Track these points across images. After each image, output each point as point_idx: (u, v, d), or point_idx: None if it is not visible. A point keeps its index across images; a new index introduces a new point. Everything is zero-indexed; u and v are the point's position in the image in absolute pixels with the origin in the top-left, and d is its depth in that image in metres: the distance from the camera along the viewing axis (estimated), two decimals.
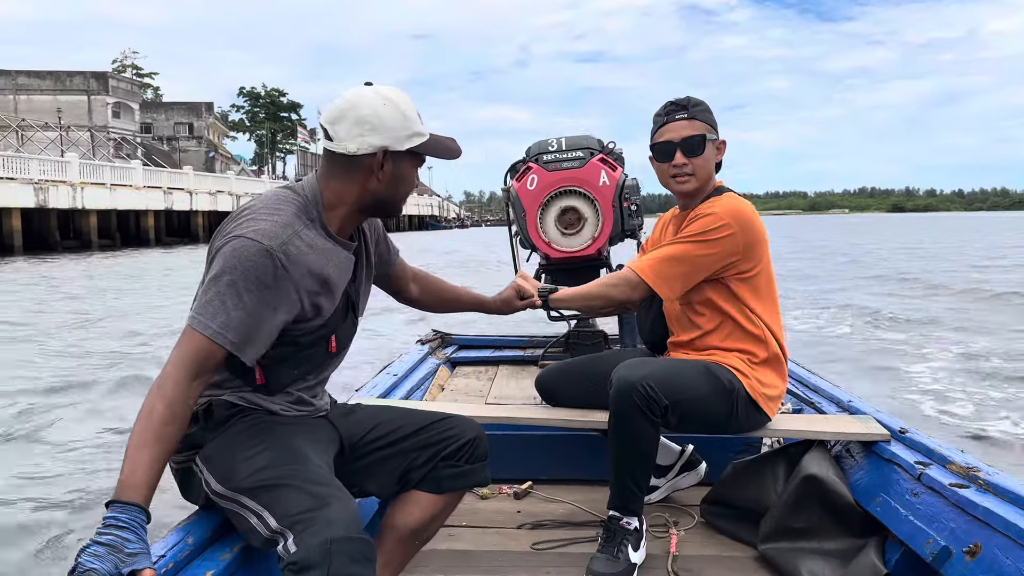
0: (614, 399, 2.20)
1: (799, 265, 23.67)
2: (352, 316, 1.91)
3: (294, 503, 1.52)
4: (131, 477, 1.45)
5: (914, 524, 2.06)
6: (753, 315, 2.40)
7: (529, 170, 3.50)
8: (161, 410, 1.51)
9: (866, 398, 2.88)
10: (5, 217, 32.48)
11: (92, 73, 54.73)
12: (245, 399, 1.78)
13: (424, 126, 1.79)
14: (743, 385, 2.34)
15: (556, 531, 2.60)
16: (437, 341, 4.13)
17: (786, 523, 2.36)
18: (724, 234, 2.32)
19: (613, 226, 3.47)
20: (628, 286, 2.39)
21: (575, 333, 3.73)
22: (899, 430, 2.43)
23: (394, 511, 1.92)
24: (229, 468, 1.65)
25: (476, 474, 1.93)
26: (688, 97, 2.45)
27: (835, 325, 11.66)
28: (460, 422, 1.97)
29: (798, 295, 15.32)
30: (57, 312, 13.49)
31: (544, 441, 2.99)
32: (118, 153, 51.38)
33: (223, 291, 1.60)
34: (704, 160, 2.41)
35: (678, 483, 2.81)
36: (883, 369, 8.35)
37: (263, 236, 1.63)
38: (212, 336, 1.59)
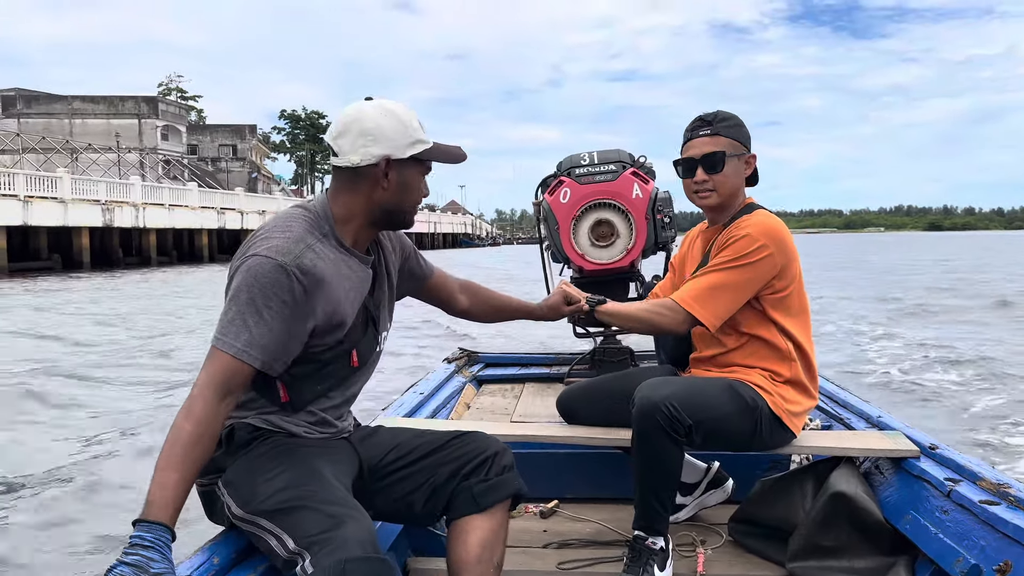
0: (637, 419, 2.19)
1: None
2: (373, 330, 1.92)
3: (310, 524, 1.54)
4: (157, 497, 1.48)
5: (944, 542, 2.03)
6: (783, 334, 2.39)
7: (561, 184, 3.54)
8: (189, 430, 1.55)
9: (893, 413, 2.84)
10: (76, 235, 35.11)
11: (143, 98, 58.52)
12: (269, 422, 1.80)
13: (426, 135, 1.82)
14: (766, 402, 2.32)
15: (582, 550, 2.58)
16: (463, 359, 4.14)
17: (815, 541, 2.33)
18: (762, 255, 2.31)
19: (647, 239, 3.49)
20: (674, 318, 2.37)
21: (601, 350, 3.73)
22: (929, 446, 2.39)
23: (454, 548, 1.86)
24: (249, 491, 1.67)
25: (509, 484, 1.90)
26: (716, 112, 2.45)
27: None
28: (479, 438, 1.96)
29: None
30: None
31: (569, 459, 2.98)
32: (166, 174, 53.78)
33: (243, 310, 1.64)
34: (724, 176, 2.40)
35: (704, 501, 2.78)
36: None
37: (276, 252, 1.67)
38: (237, 355, 1.62)
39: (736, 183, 2.44)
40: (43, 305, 18.04)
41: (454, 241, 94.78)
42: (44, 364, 9.79)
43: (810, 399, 2.46)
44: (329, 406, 1.89)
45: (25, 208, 31.78)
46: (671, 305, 2.38)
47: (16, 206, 31.32)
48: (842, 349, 11.03)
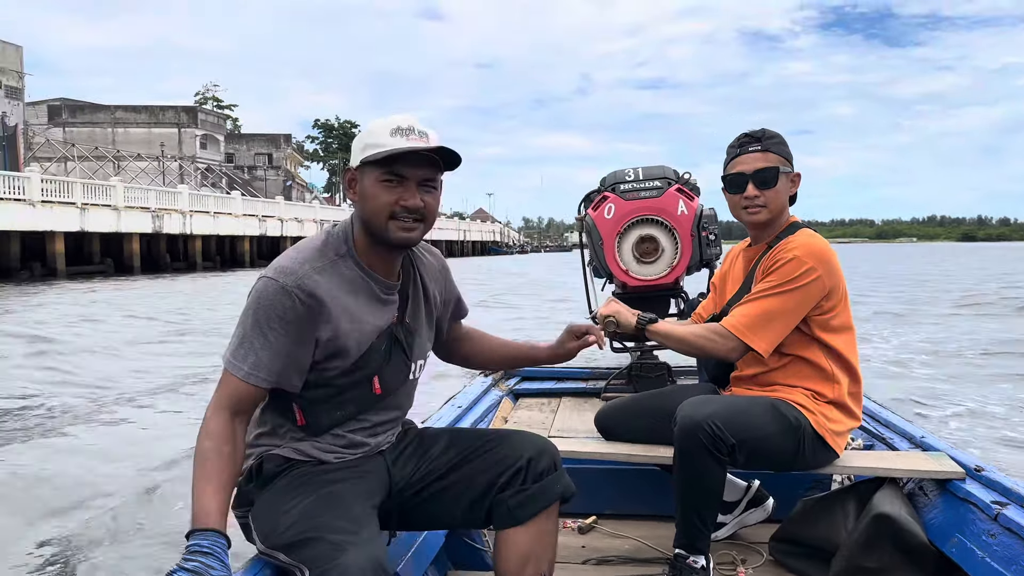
0: (679, 437, 2.19)
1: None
2: (403, 358, 1.87)
3: (318, 556, 1.53)
4: (201, 508, 1.53)
5: (991, 566, 2.00)
6: (828, 354, 2.37)
7: (606, 199, 3.56)
8: (209, 445, 1.61)
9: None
10: (127, 241, 37.35)
11: (183, 107, 61.27)
12: (298, 450, 1.80)
13: (396, 139, 1.70)
14: (809, 421, 2.31)
15: (621, 567, 2.58)
16: (500, 373, 4.16)
17: (857, 562, 2.31)
18: (811, 279, 2.30)
19: (691, 255, 3.49)
20: (726, 345, 2.35)
21: (638, 365, 3.73)
22: (975, 468, 2.36)
23: (498, 561, 1.84)
24: (269, 526, 1.68)
25: (548, 491, 1.83)
26: (763, 129, 2.45)
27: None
28: (514, 442, 1.89)
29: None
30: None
31: (608, 475, 2.99)
32: (205, 181, 55.73)
33: (249, 332, 1.68)
34: (776, 193, 2.40)
35: (745, 520, 2.77)
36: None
37: (280, 274, 1.70)
38: (244, 378, 1.67)
39: (784, 200, 2.43)
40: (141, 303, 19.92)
41: (483, 249, 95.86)
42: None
43: (853, 419, 2.45)
44: (358, 428, 1.86)
45: (82, 214, 33.73)
46: (723, 332, 2.36)
47: (74, 213, 33.27)
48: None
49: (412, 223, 1.75)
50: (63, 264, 32.62)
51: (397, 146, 1.70)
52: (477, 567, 2.54)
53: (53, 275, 31.79)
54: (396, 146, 1.70)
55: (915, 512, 2.37)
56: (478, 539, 2.67)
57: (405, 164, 1.72)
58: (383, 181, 1.73)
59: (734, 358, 2.42)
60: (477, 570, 2.51)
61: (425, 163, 1.74)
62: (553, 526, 1.86)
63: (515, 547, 1.81)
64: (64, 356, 10.84)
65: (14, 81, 45.31)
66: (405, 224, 1.75)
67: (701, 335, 2.41)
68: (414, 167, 1.73)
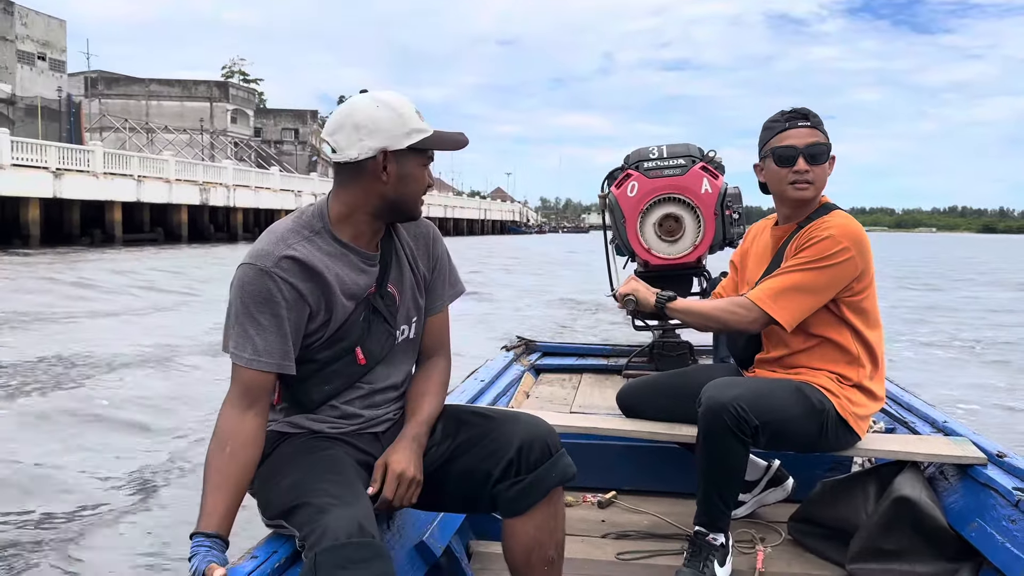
0: (704, 418, 2.21)
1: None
2: (386, 327, 1.87)
3: (306, 519, 1.56)
4: (203, 510, 1.60)
5: (1011, 552, 2.02)
6: (855, 337, 2.38)
7: (629, 177, 3.55)
8: (212, 448, 1.67)
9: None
10: (175, 212, 40.56)
11: (215, 82, 63.28)
12: (291, 423, 1.85)
13: (425, 123, 1.78)
14: (833, 405, 2.32)
15: (641, 542, 2.62)
16: (521, 348, 4.19)
17: (876, 544, 2.33)
18: (844, 258, 2.29)
19: (715, 234, 3.48)
20: (748, 316, 2.35)
21: (660, 344, 3.74)
22: (997, 454, 2.37)
23: (505, 548, 1.86)
24: (266, 497, 1.73)
25: (544, 480, 1.79)
26: (806, 108, 2.42)
27: None
28: (506, 430, 1.83)
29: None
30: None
31: (628, 451, 3.01)
32: (234, 155, 57.69)
33: (242, 320, 1.71)
34: (823, 170, 2.38)
35: (764, 499, 2.79)
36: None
37: (256, 257, 1.72)
38: (248, 365, 1.70)
39: (826, 180, 2.41)
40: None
41: (502, 228, 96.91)
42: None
43: (876, 402, 2.45)
44: (354, 397, 1.87)
45: (139, 186, 37.22)
46: (746, 304, 2.36)
47: (132, 184, 36.77)
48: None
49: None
50: (120, 232, 36.06)
51: (431, 131, 1.78)
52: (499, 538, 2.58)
53: (112, 241, 35.00)
54: (431, 131, 1.78)
55: (935, 496, 2.38)
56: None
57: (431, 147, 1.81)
58: (423, 164, 1.81)
59: (755, 330, 2.41)
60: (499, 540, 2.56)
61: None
62: (556, 510, 1.84)
63: (519, 536, 1.82)
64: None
65: (58, 55, 47.45)
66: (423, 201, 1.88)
67: (723, 308, 2.42)
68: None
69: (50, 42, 46.58)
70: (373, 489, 1.74)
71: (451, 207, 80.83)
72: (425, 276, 1.98)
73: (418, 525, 2.13)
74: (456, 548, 2.35)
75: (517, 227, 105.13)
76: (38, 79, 45.46)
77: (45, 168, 32.01)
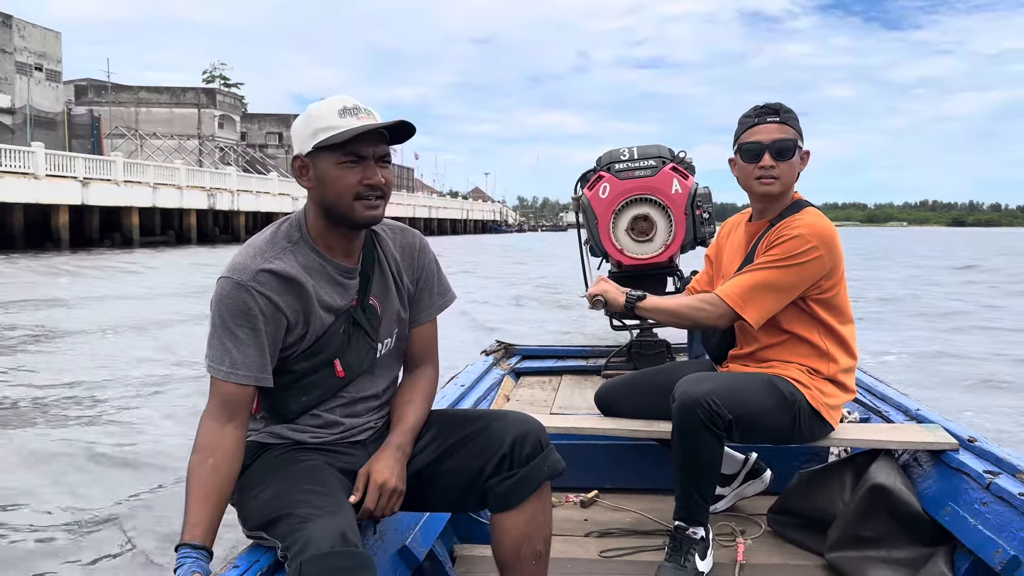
0: (678, 414, 2.24)
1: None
2: (367, 340, 1.86)
3: (288, 529, 1.56)
4: (186, 521, 1.60)
5: (983, 533, 2.06)
6: (825, 332, 2.41)
7: (601, 179, 3.58)
8: (193, 461, 1.66)
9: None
10: (186, 216, 44.05)
11: (203, 89, 64.35)
12: (273, 434, 1.84)
13: (347, 119, 1.69)
14: (805, 396, 2.36)
15: (623, 539, 2.64)
16: (501, 352, 4.20)
17: (853, 532, 2.37)
18: (812, 257, 2.32)
19: (685, 234, 3.52)
20: (715, 312, 2.39)
21: (637, 343, 3.78)
22: (967, 439, 2.42)
23: (495, 543, 1.86)
24: (246, 509, 1.73)
25: (535, 475, 1.80)
26: (779, 103, 2.45)
27: None
28: (497, 427, 1.84)
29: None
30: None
31: (609, 451, 3.04)
32: (222, 160, 59.34)
33: (220, 333, 1.71)
34: (790, 166, 2.41)
35: (743, 491, 2.83)
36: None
37: (234, 271, 1.72)
38: (225, 378, 1.70)
39: (795, 175, 2.44)
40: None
41: (483, 227, 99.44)
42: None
43: (848, 393, 2.49)
44: (335, 405, 1.87)
45: (154, 192, 40.67)
46: (714, 300, 2.40)
47: (148, 191, 40.20)
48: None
49: (376, 200, 1.75)
50: (138, 235, 39.54)
51: (351, 126, 1.68)
52: (483, 540, 2.59)
53: (130, 244, 38.40)
54: (350, 126, 1.68)
55: (910, 483, 2.42)
56: (483, 514, 2.72)
57: (362, 143, 1.72)
58: (343, 163, 1.72)
59: (722, 326, 2.45)
60: (483, 543, 2.57)
61: (379, 139, 1.75)
62: (545, 505, 1.85)
63: (509, 531, 1.82)
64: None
65: (54, 65, 48.80)
66: (371, 203, 1.75)
67: (691, 305, 2.46)
68: (371, 145, 1.73)
69: (46, 53, 48.01)
70: (355, 498, 1.74)
71: (435, 208, 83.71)
72: (409, 289, 1.95)
73: (400, 530, 2.14)
74: (440, 552, 2.36)
75: (498, 226, 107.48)
76: (36, 89, 46.73)
77: (74, 178, 35.18)
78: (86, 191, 35.68)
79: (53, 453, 5.52)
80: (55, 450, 5.59)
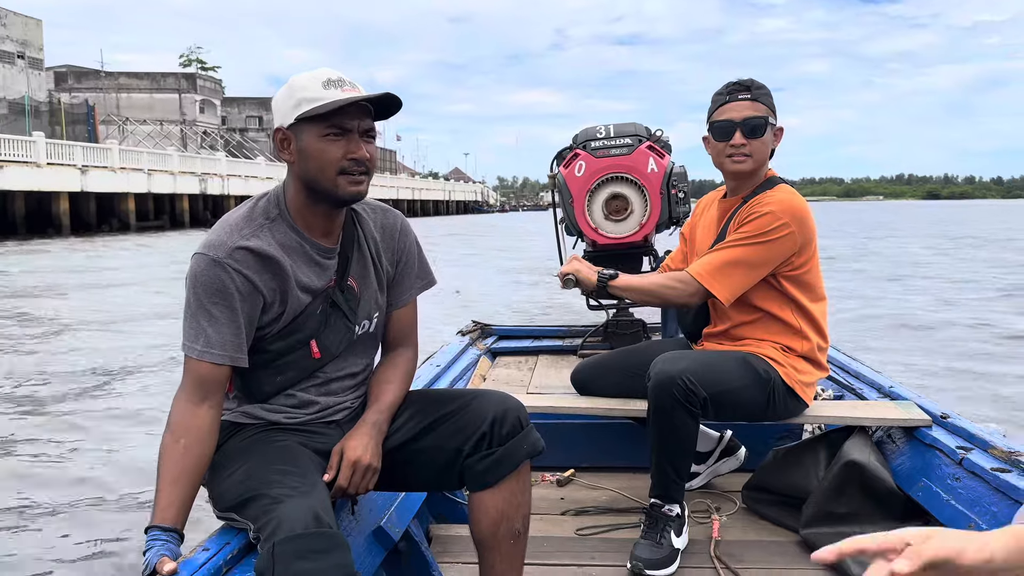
0: (653, 392, 2.23)
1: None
2: (345, 321, 1.82)
3: (260, 511, 1.53)
4: (157, 503, 1.58)
5: (956, 508, 2.08)
6: (797, 310, 2.41)
7: (577, 157, 3.55)
8: (167, 441, 1.63)
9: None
10: (179, 201, 44.94)
11: (183, 74, 65.39)
12: (246, 414, 1.80)
13: (331, 91, 1.65)
14: (779, 374, 2.36)
15: (599, 517, 2.65)
16: (477, 332, 4.18)
17: (828, 508, 2.38)
18: (783, 234, 2.32)
19: (660, 213, 3.51)
20: (687, 290, 2.38)
21: (614, 322, 3.77)
22: (940, 415, 2.44)
23: (473, 522, 1.83)
24: (218, 490, 1.69)
25: (515, 453, 1.78)
26: (751, 79, 2.43)
27: None
28: (477, 405, 1.82)
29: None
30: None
31: (585, 430, 3.04)
32: (203, 144, 59.90)
33: (195, 312, 1.67)
34: (762, 143, 2.40)
35: (718, 469, 2.84)
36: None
37: (209, 248, 1.67)
38: (200, 357, 1.66)
39: (767, 152, 2.43)
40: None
41: (466, 208, 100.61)
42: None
43: (821, 370, 2.50)
44: (309, 385, 1.84)
45: (149, 178, 41.65)
46: (684, 278, 2.39)
47: (143, 178, 41.21)
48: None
49: (360, 176, 1.70)
50: (135, 220, 40.37)
51: (336, 98, 1.64)
52: (459, 520, 2.59)
53: (127, 228, 39.20)
54: (335, 98, 1.64)
55: (883, 459, 2.44)
56: (459, 494, 2.71)
57: (347, 116, 1.66)
58: (327, 135, 1.67)
59: (693, 304, 2.45)
60: (460, 523, 2.56)
61: (364, 113, 1.70)
62: (524, 484, 1.83)
63: (487, 510, 1.80)
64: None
65: (36, 53, 49.84)
66: (355, 178, 1.70)
67: (663, 284, 2.45)
68: (355, 118, 1.68)
69: (28, 41, 48.88)
70: (328, 476, 1.71)
71: (419, 189, 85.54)
72: (389, 271, 1.91)
73: (375, 510, 2.12)
74: (415, 532, 2.34)
75: (480, 207, 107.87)
76: (19, 77, 47.79)
77: (73, 165, 36.34)
78: (85, 178, 36.92)
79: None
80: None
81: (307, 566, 1.42)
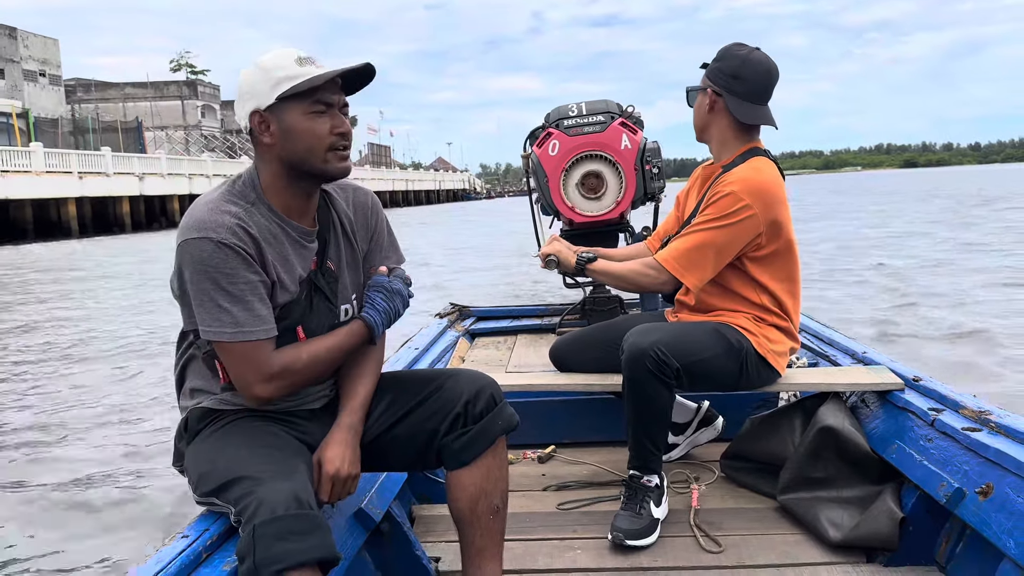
0: (627, 365, 2.25)
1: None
2: (327, 305, 1.80)
3: (241, 493, 1.52)
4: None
5: (928, 468, 2.11)
6: (765, 292, 2.42)
7: (550, 136, 3.54)
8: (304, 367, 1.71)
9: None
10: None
11: (184, 82, 68.82)
12: (226, 400, 1.76)
13: (307, 67, 1.63)
14: (751, 343, 2.38)
15: (580, 491, 2.67)
16: (455, 314, 4.19)
17: (804, 474, 2.41)
18: (743, 216, 2.31)
19: (636, 189, 3.51)
20: (659, 279, 2.41)
21: (591, 300, 3.79)
22: (912, 378, 2.47)
23: (451, 500, 1.84)
24: (197, 474, 1.67)
25: (489, 430, 1.79)
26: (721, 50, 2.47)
27: None
28: (451, 385, 1.83)
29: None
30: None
31: (564, 406, 3.06)
32: (206, 147, 62.27)
33: (214, 297, 1.61)
34: (696, 111, 2.51)
35: (696, 439, 2.87)
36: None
37: (204, 229, 1.61)
38: (245, 338, 1.62)
39: (703, 119, 2.47)
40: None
41: (455, 196, 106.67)
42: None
43: (794, 340, 2.52)
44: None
45: (190, 182, 45.70)
46: (656, 266, 2.42)
47: (186, 181, 45.70)
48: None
49: (346, 151, 1.69)
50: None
51: (314, 73, 1.61)
52: (441, 500, 2.60)
53: (174, 225, 39.85)
54: (312, 74, 1.61)
55: (858, 423, 2.47)
56: (440, 473, 2.72)
57: (328, 91, 1.64)
58: (312, 112, 1.64)
59: (667, 290, 2.49)
60: (441, 502, 2.57)
61: (339, 88, 1.69)
62: (501, 460, 1.84)
63: (466, 487, 1.81)
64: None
65: (55, 70, 53.11)
66: (342, 153, 1.69)
67: (636, 271, 2.48)
68: (335, 93, 1.66)
69: (48, 59, 52.30)
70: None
71: (412, 181, 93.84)
72: (363, 249, 1.89)
73: (356, 492, 2.13)
74: (397, 513, 2.35)
75: (468, 195, 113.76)
76: (41, 94, 51.11)
77: (132, 174, 41.47)
78: (142, 184, 42.58)
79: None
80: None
81: (288, 547, 1.41)
